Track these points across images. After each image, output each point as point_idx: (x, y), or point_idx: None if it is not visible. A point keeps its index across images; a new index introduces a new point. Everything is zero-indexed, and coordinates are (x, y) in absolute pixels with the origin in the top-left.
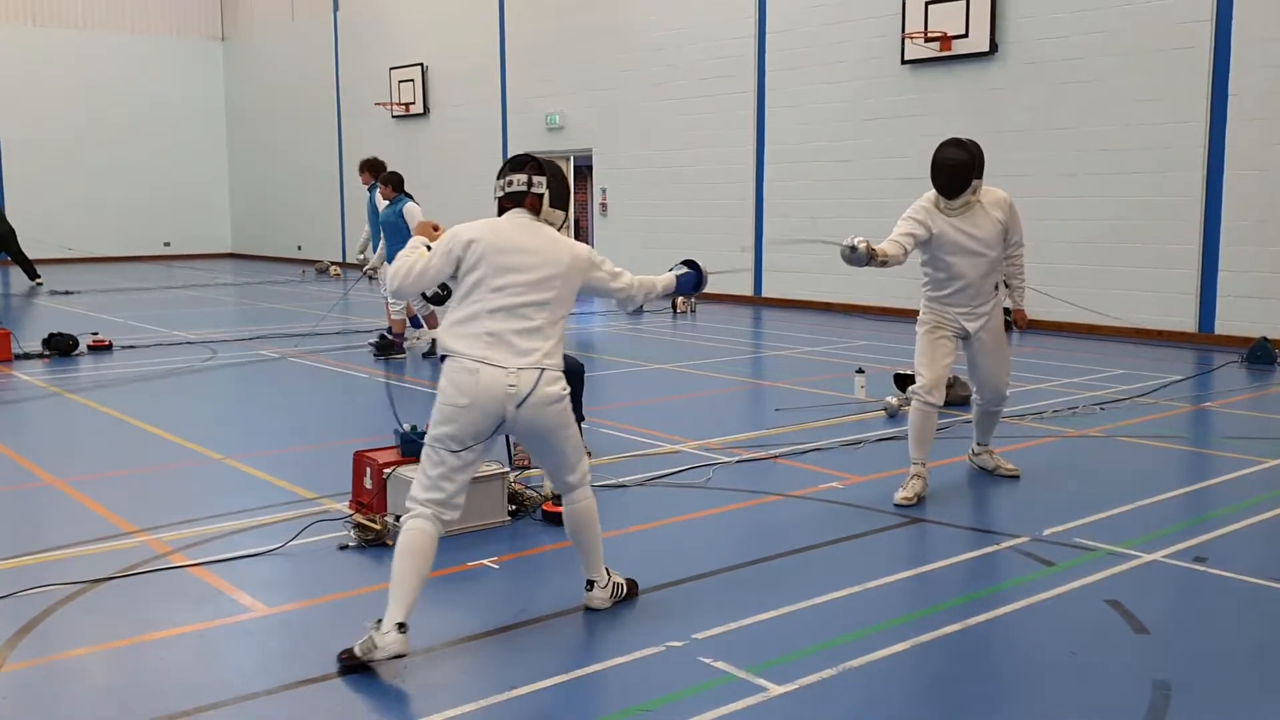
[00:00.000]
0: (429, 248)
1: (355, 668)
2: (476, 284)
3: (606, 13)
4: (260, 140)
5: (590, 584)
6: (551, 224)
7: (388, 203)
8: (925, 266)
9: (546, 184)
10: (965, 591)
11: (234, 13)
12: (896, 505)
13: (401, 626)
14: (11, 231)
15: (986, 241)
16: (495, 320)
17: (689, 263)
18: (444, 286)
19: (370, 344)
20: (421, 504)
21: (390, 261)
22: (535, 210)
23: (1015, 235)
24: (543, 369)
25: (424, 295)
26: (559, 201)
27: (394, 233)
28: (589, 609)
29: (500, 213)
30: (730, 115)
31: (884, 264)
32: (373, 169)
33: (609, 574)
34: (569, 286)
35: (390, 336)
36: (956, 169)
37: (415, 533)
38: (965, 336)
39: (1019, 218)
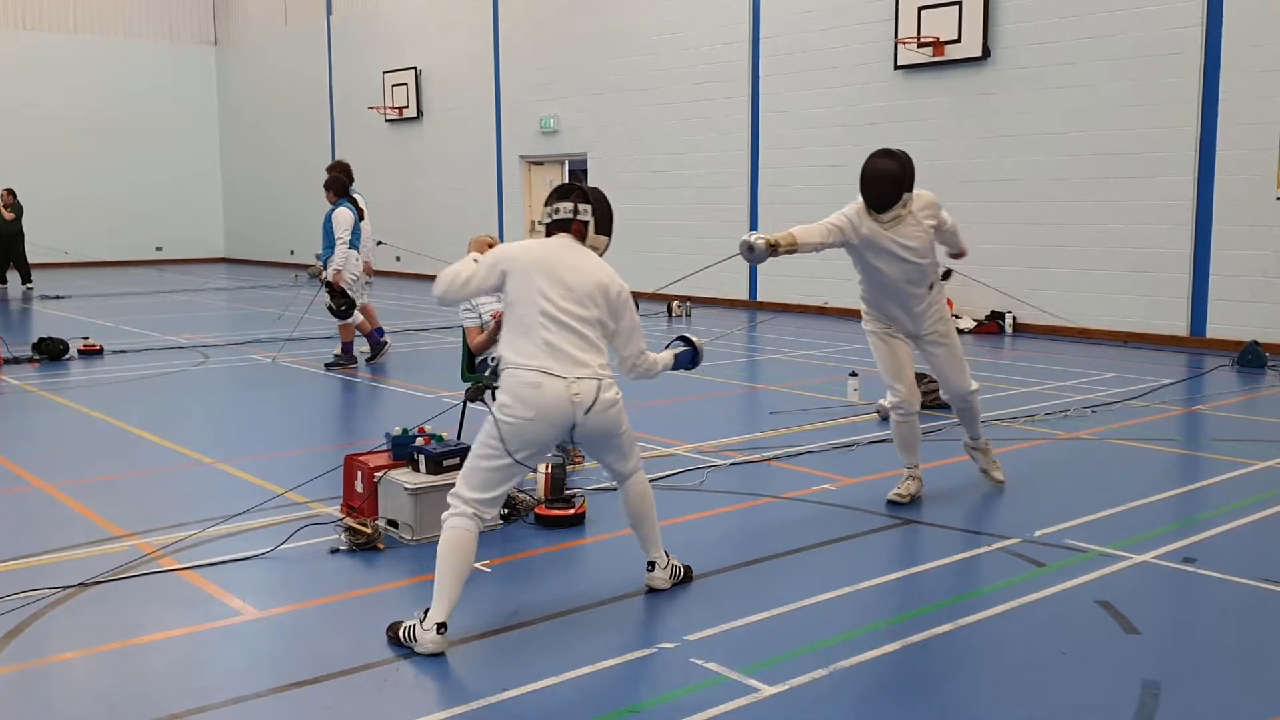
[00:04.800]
0: (477, 261)
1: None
2: (527, 297)
3: (601, 17)
4: (253, 145)
5: (651, 564)
6: (595, 249)
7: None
8: (856, 269)
9: (591, 211)
10: (956, 592)
11: (227, 17)
12: (889, 502)
13: (441, 627)
14: (20, 234)
15: (919, 250)
16: (549, 332)
17: (685, 340)
18: (347, 301)
19: (365, 360)
20: (466, 503)
21: (325, 265)
22: (581, 236)
23: (948, 226)
24: (600, 379)
25: (329, 308)
26: (603, 228)
27: (325, 236)
28: (650, 589)
29: (548, 236)
30: (725, 120)
31: (792, 250)
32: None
33: (668, 556)
34: (608, 304)
35: (376, 344)
36: (886, 180)
37: (459, 530)
38: (914, 336)
39: (943, 210)
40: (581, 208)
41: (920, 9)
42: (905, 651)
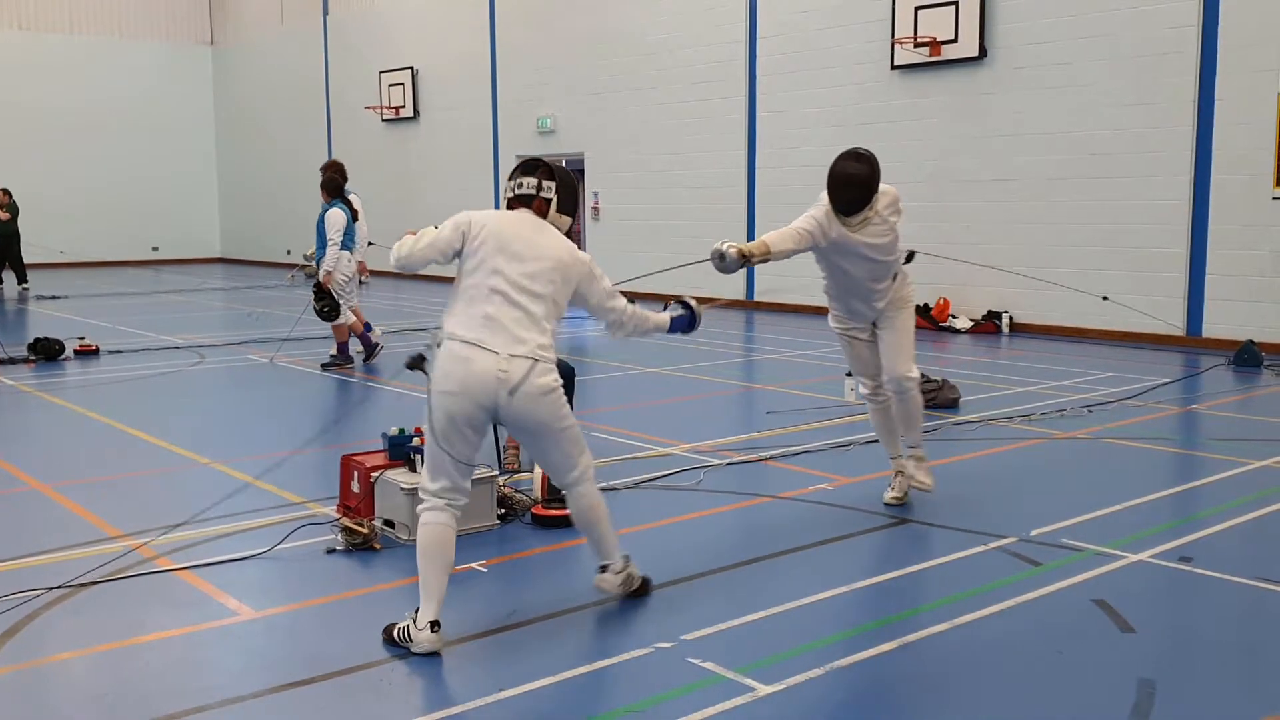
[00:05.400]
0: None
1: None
2: (478, 266)
3: (598, 17)
4: (250, 144)
5: (603, 567)
6: (558, 228)
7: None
8: (821, 268)
9: (556, 189)
10: (952, 592)
11: (223, 17)
12: (886, 505)
13: (434, 625)
14: (16, 235)
15: (885, 249)
16: (493, 305)
17: (683, 303)
18: (332, 303)
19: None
20: (432, 494)
21: (320, 265)
22: (542, 214)
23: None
24: (536, 360)
25: (314, 310)
26: (567, 208)
27: (318, 236)
28: (599, 590)
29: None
30: (722, 120)
31: (765, 259)
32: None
33: (626, 562)
34: (565, 286)
35: (366, 347)
36: (856, 185)
37: (431, 526)
38: (874, 324)
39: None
40: (545, 184)
41: (917, 9)
42: (901, 651)
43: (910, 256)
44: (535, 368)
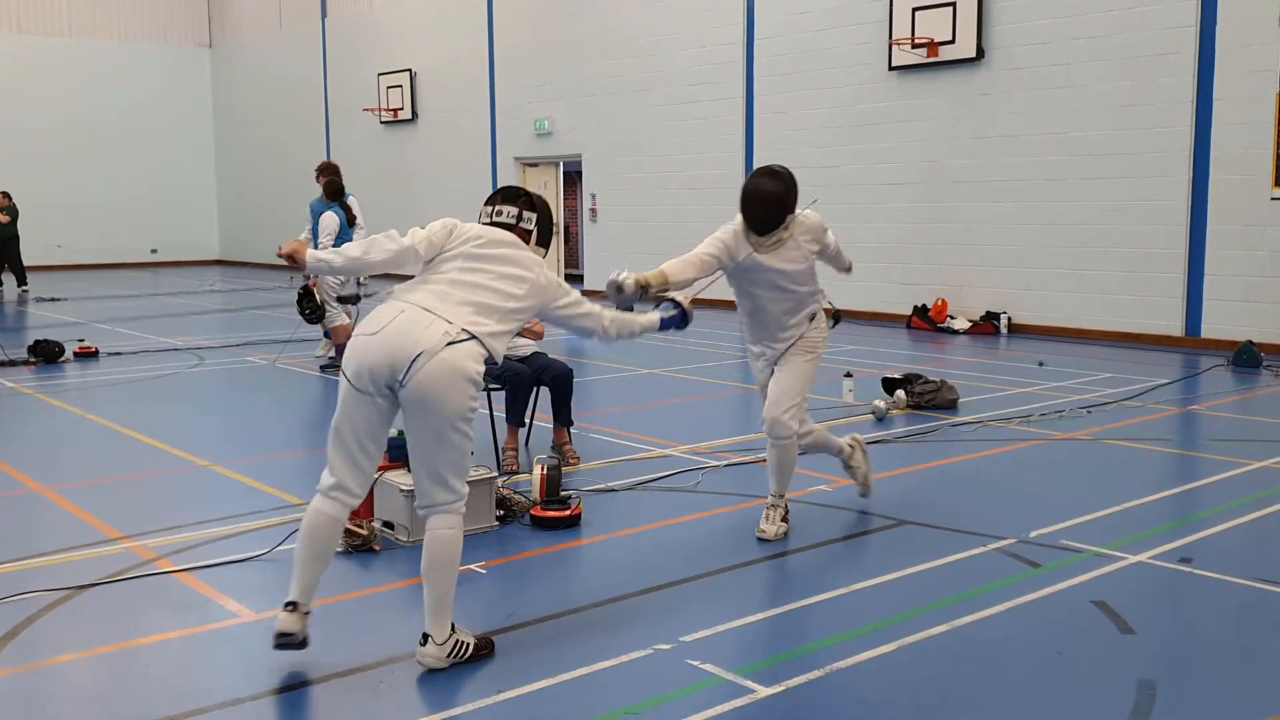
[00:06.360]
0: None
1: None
2: (453, 257)
3: (596, 19)
4: (248, 147)
5: (425, 638)
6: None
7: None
8: (733, 289)
9: (536, 221)
10: (952, 593)
11: (221, 19)
12: (758, 538)
13: (290, 605)
14: (15, 238)
15: (797, 278)
16: (456, 287)
17: (674, 303)
18: (314, 307)
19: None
20: (321, 490)
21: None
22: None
23: (830, 247)
24: (473, 336)
25: (340, 298)
26: (544, 240)
27: (314, 237)
28: (420, 664)
29: None
30: (719, 121)
31: (664, 290)
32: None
33: (454, 630)
34: (535, 299)
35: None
36: (770, 202)
37: (312, 513)
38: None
39: (828, 232)
40: (526, 215)
41: (914, 10)
42: (901, 652)
43: (837, 318)
44: (470, 345)
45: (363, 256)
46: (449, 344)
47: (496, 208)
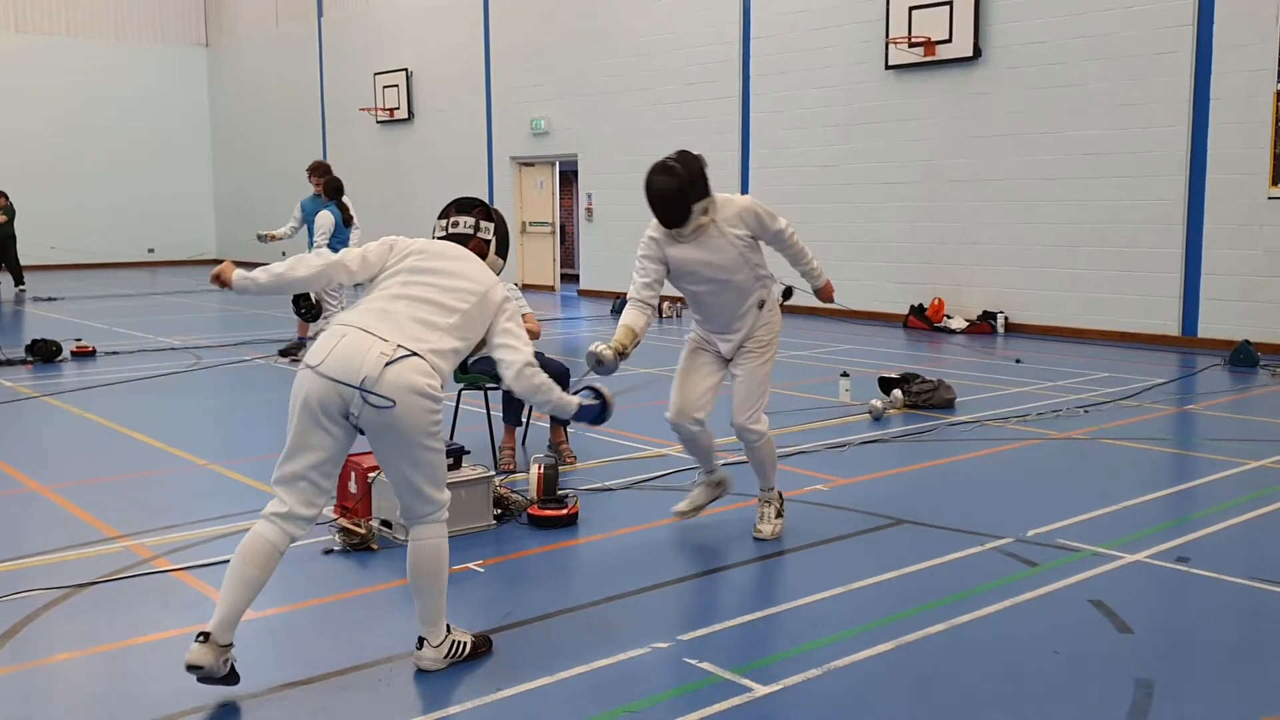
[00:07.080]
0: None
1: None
2: (394, 274)
3: (592, 18)
4: (245, 146)
5: (421, 641)
6: (491, 269)
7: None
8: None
9: (494, 230)
10: (949, 592)
11: (218, 19)
12: (675, 511)
13: (202, 636)
14: (13, 237)
15: (727, 267)
16: (396, 303)
17: (594, 391)
18: (308, 305)
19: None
20: (265, 514)
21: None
22: (481, 254)
23: (772, 231)
24: (419, 355)
25: (295, 311)
26: (502, 251)
27: (309, 235)
28: (417, 667)
29: None
30: (716, 120)
31: (636, 343)
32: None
33: (449, 631)
34: (482, 313)
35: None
36: (667, 199)
37: (252, 535)
38: (727, 360)
39: (768, 213)
40: (484, 225)
41: (911, 9)
42: (898, 651)
43: (788, 293)
44: (412, 360)
45: (287, 273)
46: (386, 364)
47: (452, 219)
